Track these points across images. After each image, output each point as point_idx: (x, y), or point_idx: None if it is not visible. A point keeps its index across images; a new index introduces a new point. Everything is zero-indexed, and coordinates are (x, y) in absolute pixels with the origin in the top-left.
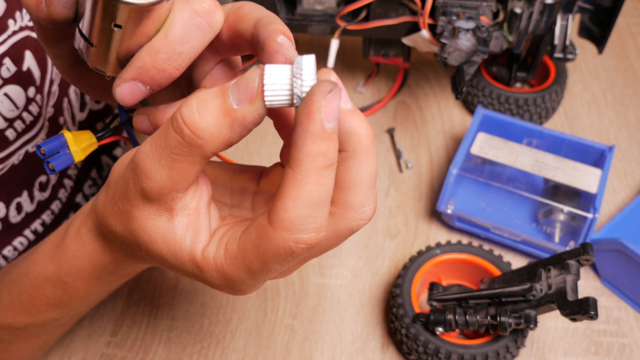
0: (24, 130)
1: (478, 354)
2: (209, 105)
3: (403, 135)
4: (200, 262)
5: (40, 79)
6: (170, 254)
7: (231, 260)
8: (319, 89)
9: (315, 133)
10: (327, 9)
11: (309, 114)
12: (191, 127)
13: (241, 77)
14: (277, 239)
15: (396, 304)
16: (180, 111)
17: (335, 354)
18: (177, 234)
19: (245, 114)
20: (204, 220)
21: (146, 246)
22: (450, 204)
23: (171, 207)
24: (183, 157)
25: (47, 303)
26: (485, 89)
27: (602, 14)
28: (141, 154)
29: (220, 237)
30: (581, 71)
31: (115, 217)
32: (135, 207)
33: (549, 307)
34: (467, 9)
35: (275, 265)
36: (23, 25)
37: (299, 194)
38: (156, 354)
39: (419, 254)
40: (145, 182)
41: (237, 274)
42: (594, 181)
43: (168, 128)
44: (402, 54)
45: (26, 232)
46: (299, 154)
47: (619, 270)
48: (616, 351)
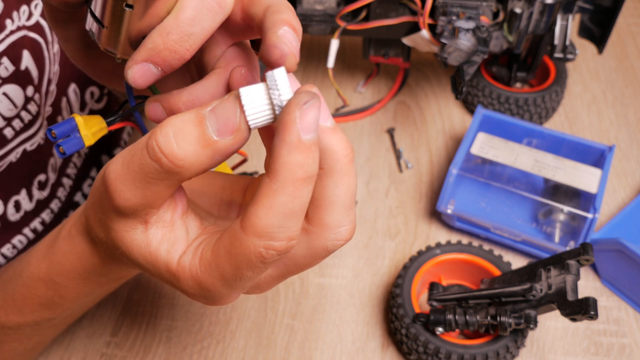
0: (22, 129)
1: (478, 354)
2: (187, 135)
3: (403, 135)
4: (176, 271)
5: (38, 78)
6: (148, 264)
7: (205, 267)
8: (296, 100)
9: (292, 144)
10: (327, 9)
11: (285, 124)
12: (169, 157)
13: (218, 106)
14: (248, 244)
15: (396, 304)
16: (155, 139)
17: (335, 354)
18: (152, 246)
19: (226, 146)
20: (180, 231)
21: (125, 255)
22: (450, 204)
23: (145, 220)
24: (159, 181)
25: (38, 302)
26: (485, 89)
27: (602, 14)
28: (111, 173)
29: (196, 246)
30: (581, 71)
31: (98, 225)
32: (111, 220)
33: (549, 307)
34: (467, 9)
35: (248, 271)
36: (20, 25)
37: (272, 203)
38: (156, 354)
39: (419, 254)
40: (117, 200)
41: (211, 281)
42: (594, 181)
43: (143, 153)
44: (402, 54)
45: (25, 231)
46: (276, 164)
47: (619, 270)
48: (616, 351)
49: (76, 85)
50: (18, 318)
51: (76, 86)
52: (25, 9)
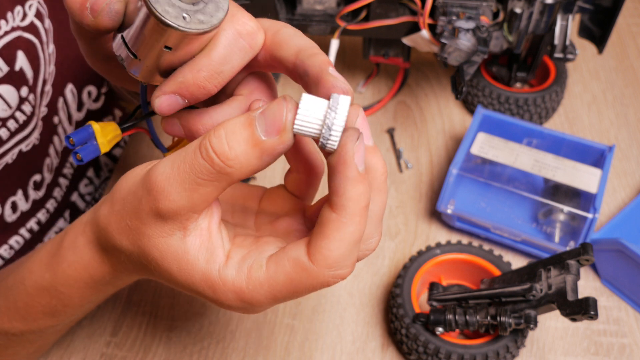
0: (17, 130)
1: (478, 354)
2: (238, 136)
3: (403, 135)
4: (216, 283)
5: (33, 78)
6: (181, 272)
7: (255, 286)
8: (349, 139)
9: (354, 178)
10: (327, 9)
11: (345, 162)
12: (221, 157)
13: (267, 108)
14: (318, 275)
15: (396, 304)
16: (209, 140)
17: (335, 354)
18: (190, 254)
19: (273, 145)
20: (217, 240)
21: (156, 262)
22: (450, 204)
23: (185, 226)
24: (209, 182)
25: (42, 311)
26: (485, 89)
27: (602, 14)
28: (159, 174)
29: (239, 262)
30: (581, 71)
31: (122, 233)
32: (147, 225)
33: (549, 307)
34: (467, 9)
35: (304, 294)
36: (15, 26)
37: (343, 235)
38: (156, 354)
39: (419, 254)
40: (162, 202)
41: (258, 298)
42: (594, 181)
43: (195, 154)
44: (402, 54)
45: (22, 231)
46: (342, 199)
47: (619, 270)
48: (616, 351)
49: (73, 85)
50: (22, 325)
51: (73, 86)
52: (20, 10)
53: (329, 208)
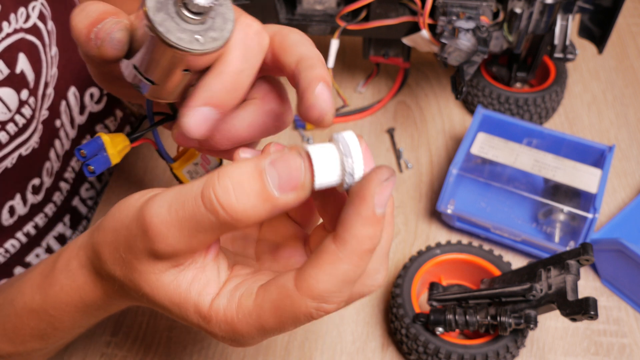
0: (16, 134)
1: (478, 354)
2: (247, 188)
3: (403, 135)
4: (208, 314)
5: (35, 81)
6: (173, 306)
7: (244, 316)
8: (377, 176)
9: (367, 217)
10: (327, 9)
11: (363, 198)
12: (227, 210)
13: (280, 162)
14: (301, 304)
15: (396, 304)
16: (214, 191)
17: (335, 354)
18: (182, 287)
19: (288, 202)
20: (211, 272)
21: (147, 297)
22: (450, 204)
23: (179, 263)
24: (210, 231)
25: (30, 334)
26: (485, 89)
27: (602, 14)
28: (155, 217)
29: (231, 290)
30: (581, 71)
31: (115, 263)
32: (140, 261)
33: (549, 307)
34: (467, 9)
35: (291, 326)
36: (17, 28)
37: (335, 270)
38: (156, 354)
39: (419, 254)
40: (158, 245)
41: (247, 329)
42: (594, 181)
43: (197, 203)
44: (402, 54)
45: (18, 235)
46: (347, 234)
47: (619, 270)
48: (616, 351)
49: (76, 89)
50: (8, 347)
51: (76, 89)
52: (23, 11)
53: (331, 237)
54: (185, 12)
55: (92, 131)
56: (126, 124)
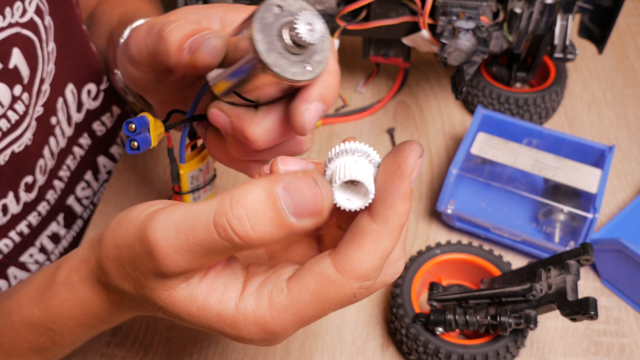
0: (9, 130)
1: (478, 354)
2: (263, 218)
3: (403, 135)
4: (235, 319)
5: (29, 77)
6: (192, 318)
7: (279, 312)
8: (413, 152)
9: (406, 194)
10: (327, 9)
11: (402, 176)
12: (244, 239)
13: (294, 187)
14: (346, 288)
15: (396, 304)
16: (229, 221)
17: (335, 354)
18: (199, 301)
19: (305, 227)
20: (226, 278)
21: (163, 310)
22: (450, 204)
23: (190, 277)
24: (223, 253)
25: (29, 347)
26: (485, 89)
27: (602, 14)
28: (162, 240)
29: (256, 290)
30: (581, 71)
31: (123, 279)
32: (148, 279)
33: (549, 307)
34: (467, 9)
35: (331, 310)
36: (13, 22)
37: (378, 248)
38: (156, 354)
39: (419, 254)
40: (167, 267)
41: (283, 325)
42: (594, 181)
43: (209, 230)
44: (402, 54)
45: (11, 234)
46: (389, 212)
47: (619, 270)
48: (616, 351)
49: (73, 85)
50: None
51: (73, 86)
52: (19, 6)
53: (369, 218)
54: (294, 47)
55: (89, 129)
56: (124, 121)
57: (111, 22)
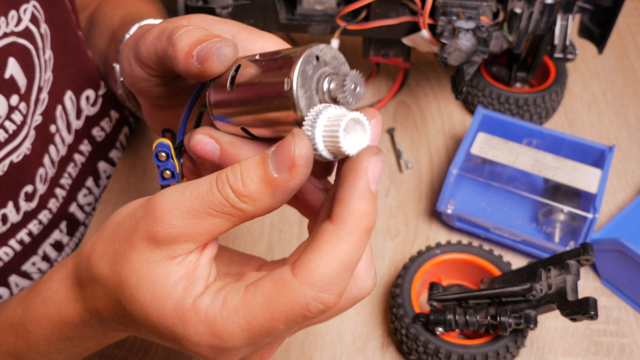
0: (6, 140)
1: (478, 354)
2: (252, 174)
3: (403, 135)
4: (187, 314)
5: (27, 86)
6: (152, 303)
7: (229, 313)
8: (368, 151)
9: (363, 192)
10: (327, 9)
11: (357, 173)
12: (236, 193)
13: (279, 145)
14: (298, 294)
15: (396, 304)
16: (227, 175)
17: (335, 354)
18: (170, 281)
19: (285, 182)
20: (202, 270)
21: (129, 292)
22: (450, 204)
23: (174, 254)
24: (220, 214)
25: (7, 351)
26: (485, 89)
27: (602, 14)
28: (167, 198)
29: (217, 290)
30: (581, 71)
31: (104, 258)
32: (134, 248)
33: (549, 307)
34: (467, 9)
35: (281, 324)
36: (8, 32)
37: (335, 251)
38: (156, 354)
39: (419, 254)
40: (162, 225)
41: (230, 329)
42: (594, 181)
43: (211, 186)
44: (402, 54)
45: (11, 242)
46: (344, 210)
47: (619, 270)
48: (616, 351)
49: (72, 92)
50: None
51: (72, 93)
52: (14, 14)
53: (327, 219)
54: (330, 100)
55: (88, 135)
56: (124, 125)
57: (112, 22)
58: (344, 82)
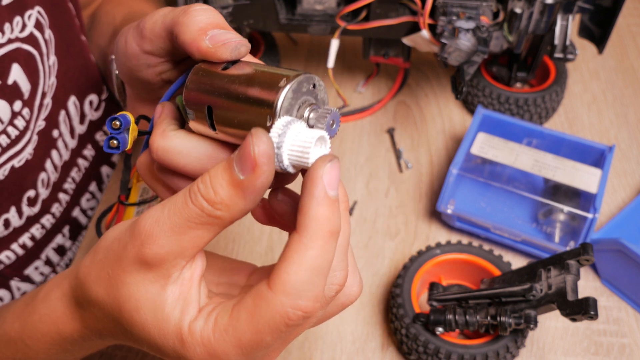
0: (9, 145)
1: (478, 354)
2: (220, 179)
3: (403, 135)
4: (185, 337)
5: (30, 92)
6: (155, 325)
7: (220, 333)
8: (321, 159)
9: (320, 197)
10: (327, 9)
11: (313, 180)
12: (209, 202)
13: (240, 147)
14: (275, 304)
15: (396, 304)
16: (197, 186)
17: (335, 354)
18: (168, 303)
19: (251, 181)
20: (195, 292)
21: (129, 315)
22: (450, 204)
23: (168, 274)
24: (200, 226)
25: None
26: (485, 89)
27: (602, 14)
28: (149, 218)
29: (209, 312)
30: (581, 71)
31: (100, 283)
32: (128, 273)
33: (549, 307)
34: (467, 9)
35: (268, 336)
36: (12, 37)
37: (303, 258)
38: None
39: (419, 254)
40: (149, 247)
41: (224, 347)
42: (594, 181)
43: (185, 200)
44: (402, 54)
45: (13, 246)
46: (305, 218)
47: (619, 270)
48: (616, 351)
49: (76, 97)
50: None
51: (76, 98)
52: (19, 20)
53: (294, 231)
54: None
55: (92, 140)
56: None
57: (114, 20)
58: (326, 116)
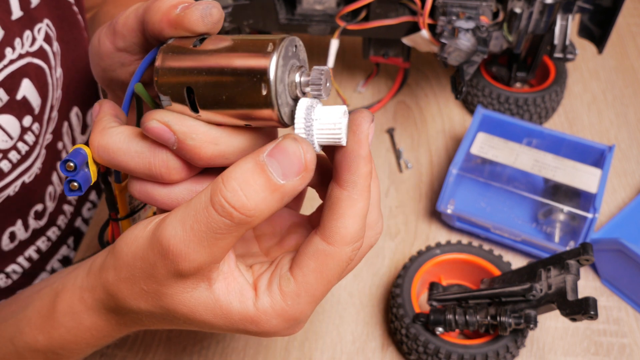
0: (19, 161)
1: (478, 354)
2: (253, 185)
3: (403, 135)
4: (256, 317)
5: (40, 106)
6: (217, 319)
7: (293, 299)
8: (364, 119)
9: (366, 157)
10: (327, 9)
11: (360, 142)
12: (241, 210)
13: (279, 151)
14: (342, 255)
15: (396, 304)
16: (223, 196)
17: (335, 354)
18: (222, 300)
19: (295, 186)
20: (240, 278)
21: (186, 317)
22: (450, 204)
23: (209, 276)
24: (228, 235)
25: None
26: (485, 89)
27: (602, 14)
28: (172, 238)
29: (266, 287)
30: (581, 71)
31: (139, 297)
32: (167, 286)
33: (549, 307)
34: (467, 9)
35: (336, 280)
36: (23, 53)
37: (355, 211)
38: (156, 354)
39: (419, 254)
40: (182, 264)
41: (300, 309)
42: (594, 181)
43: (209, 212)
44: (402, 54)
45: (19, 259)
46: (355, 176)
47: (619, 270)
48: (616, 351)
49: (78, 109)
50: None
51: (78, 109)
52: (29, 35)
53: (339, 188)
54: (297, 92)
55: None
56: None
57: None
58: (320, 78)
